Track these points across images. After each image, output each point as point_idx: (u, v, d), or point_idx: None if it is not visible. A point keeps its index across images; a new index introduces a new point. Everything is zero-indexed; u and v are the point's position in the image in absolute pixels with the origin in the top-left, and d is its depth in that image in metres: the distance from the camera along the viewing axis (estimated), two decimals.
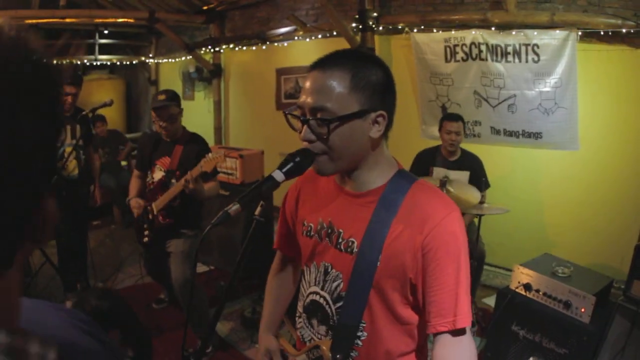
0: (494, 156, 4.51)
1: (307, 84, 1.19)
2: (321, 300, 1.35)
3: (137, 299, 4.18)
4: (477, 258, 3.78)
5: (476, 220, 3.73)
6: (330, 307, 1.32)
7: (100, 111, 6.86)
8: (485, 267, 4.71)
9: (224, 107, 7.64)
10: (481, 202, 3.50)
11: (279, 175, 1.17)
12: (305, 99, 1.18)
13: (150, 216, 3.32)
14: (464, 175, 3.98)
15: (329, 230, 1.33)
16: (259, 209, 1.19)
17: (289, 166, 1.18)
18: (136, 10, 6.53)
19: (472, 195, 3.49)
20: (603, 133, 3.99)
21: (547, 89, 3.98)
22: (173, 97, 3.25)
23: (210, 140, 7.61)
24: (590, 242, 4.14)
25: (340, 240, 1.30)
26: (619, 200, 3.97)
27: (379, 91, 1.19)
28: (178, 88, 7.95)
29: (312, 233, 1.38)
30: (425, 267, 1.18)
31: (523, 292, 2.89)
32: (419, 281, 1.21)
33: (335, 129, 1.16)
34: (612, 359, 2.54)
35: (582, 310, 2.62)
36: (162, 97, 3.20)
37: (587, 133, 3.97)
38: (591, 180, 4.11)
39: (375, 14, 4.94)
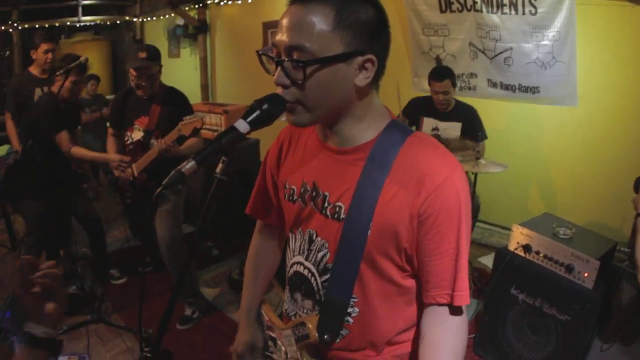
0: (491, 110, 4.32)
1: (284, 21, 1.00)
2: (305, 272, 1.19)
3: (124, 263, 4.08)
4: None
5: (471, 175, 3.58)
6: (316, 279, 1.16)
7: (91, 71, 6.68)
8: (481, 224, 4.65)
9: (210, 64, 7.40)
10: (477, 158, 3.36)
11: (242, 125, 0.97)
12: (281, 36, 0.99)
13: (132, 177, 3.18)
14: (456, 126, 3.82)
15: (314, 194, 1.15)
16: (220, 165, 1.02)
17: (254, 115, 0.98)
18: None
19: (469, 146, 3.37)
20: (602, 90, 3.81)
21: (545, 42, 3.76)
22: (154, 56, 3.03)
23: (197, 97, 7.40)
24: (589, 202, 4.02)
25: (326, 204, 1.12)
26: (618, 159, 3.80)
27: (368, 31, 0.99)
28: (163, 46, 7.72)
29: (295, 197, 1.20)
30: (423, 235, 1.03)
31: (522, 254, 2.71)
32: (414, 250, 1.06)
33: (314, 73, 0.97)
34: (619, 327, 2.40)
35: (586, 275, 2.45)
36: (143, 54, 2.97)
37: (585, 89, 3.79)
38: (589, 138, 3.95)
39: None
